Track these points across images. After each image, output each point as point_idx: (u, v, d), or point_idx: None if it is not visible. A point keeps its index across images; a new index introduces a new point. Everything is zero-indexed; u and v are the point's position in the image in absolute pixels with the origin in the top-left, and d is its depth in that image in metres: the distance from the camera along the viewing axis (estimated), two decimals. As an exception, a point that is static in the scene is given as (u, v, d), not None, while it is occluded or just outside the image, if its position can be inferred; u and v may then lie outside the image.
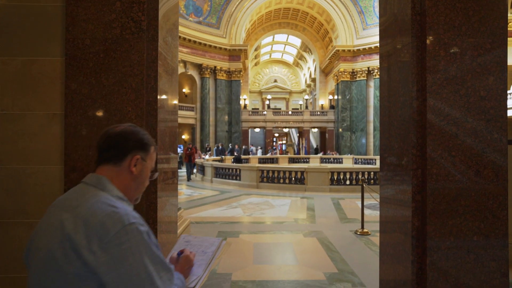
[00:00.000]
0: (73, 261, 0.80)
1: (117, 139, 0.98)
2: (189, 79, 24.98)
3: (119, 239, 0.80)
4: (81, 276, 0.80)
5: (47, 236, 0.86)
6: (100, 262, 0.78)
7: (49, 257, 0.83)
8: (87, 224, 0.82)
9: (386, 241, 2.38)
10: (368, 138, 25.89)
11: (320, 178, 9.55)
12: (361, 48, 25.29)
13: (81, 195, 0.91)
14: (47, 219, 0.91)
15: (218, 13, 24.62)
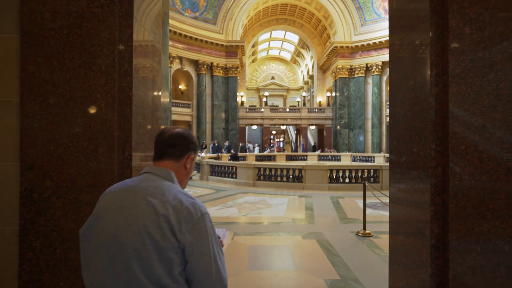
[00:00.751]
0: (170, 238, 0.97)
1: (180, 139, 1.16)
2: (185, 75, 24.60)
3: (199, 224, 1.01)
4: (173, 250, 0.97)
5: (138, 216, 0.99)
6: (187, 241, 0.98)
7: (144, 234, 0.97)
8: (176, 210, 1.00)
9: (397, 248, 2.10)
10: (366, 135, 25.67)
11: (319, 176, 9.28)
12: (359, 44, 25.01)
13: (158, 185, 1.06)
14: (128, 202, 1.03)
15: (214, 8, 24.22)
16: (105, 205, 1.06)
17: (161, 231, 0.97)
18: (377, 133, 24.97)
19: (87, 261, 1.05)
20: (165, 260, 0.97)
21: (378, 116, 24.91)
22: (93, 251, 1.04)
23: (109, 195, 1.09)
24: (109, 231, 1.01)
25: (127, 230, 0.99)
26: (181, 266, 0.99)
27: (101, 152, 1.63)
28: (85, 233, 1.07)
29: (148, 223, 0.98)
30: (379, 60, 24.49)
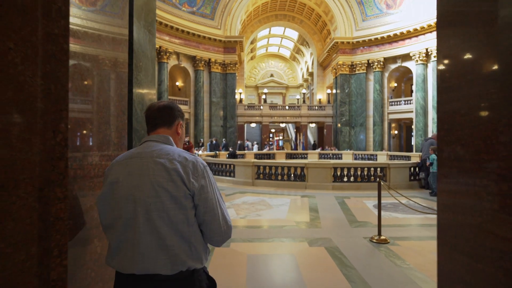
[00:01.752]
0: (181, 187, 1.15)
1: (167, 109, 1.36)
2: (182, 71, 23.97)
3: (203, 174, 1.20)
4: (186, 197, 1.15)
5: (150, 175, 1.15)
6: (195, 187, 1.17)
7: (158, 188, 1.13)
8: (183, 164, 1.18)
9: (450, 271, 1.49)
10: (368, 133, 25.11)
11: (322, 174, 8.69)
12: (360, 40, 24.41)
13: (161, 148, 1.24)
14: (138, 165, 1.18)
15: (212, 3, 23.57)
16: (116, 173, 1.19)
17: (173, 183, 1.14)
18: (378, 131, 24.41)
19: (109, 222, 1.18)
20: (179, 207, 1.14)
21: (379, 114, 24.35)
22: (113, 212, 1.17)
23: (117, 164, 1.23)
24: (125, 193, 1.15)
25: (142, 189, 1.14)
26: (192, 210, 1.17)
27: (15, 134, 1.04)
28: (103, 199, 1.20)
29: (160, 179, 1.14)
30: (381, 56, 23.90)
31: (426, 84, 21.76)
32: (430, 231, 4.65)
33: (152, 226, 1.11)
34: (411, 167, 9.21)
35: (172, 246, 1.12)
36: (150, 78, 4.06)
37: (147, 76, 3.86)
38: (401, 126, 27.79)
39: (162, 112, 1.34)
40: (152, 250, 1.11)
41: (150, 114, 1.34)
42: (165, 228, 1.11)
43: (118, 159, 1.25)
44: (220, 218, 1.20)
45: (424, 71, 21.75)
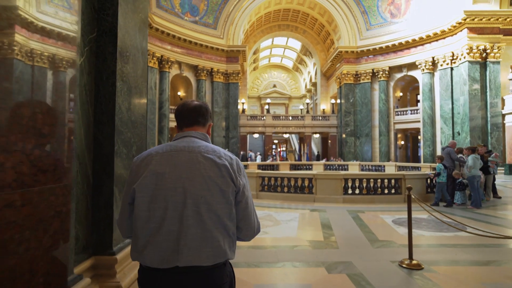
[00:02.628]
0: (230, 183, 1.20)
1: (203, 109, 1.40)
2: (184, 81, 23.63)
3: (244, 173, 1.28)
4: (232, 193, 1.21)
5: (201, 169, 1.19)
6: (240, 185, 1.23)
7: (210, 182, 1.17)
8: (230, 162, 1.24)
9: None
10: (373, 143, 24.47)
11: (332, 186, 8.04)
12: (365, 49, 24.07)
13: (206, 144, 1.29)
14: (185, 158, 1.21)
15: (215, 12, 23.42)
16: (160, 164, 1.19)
17: (223, 179, 1.19)
18: (385, 141, 23.76)
19: (145, 214, 1.16)
20: (226, 202, 1.19)
21: (385, 124, 23.76)
22: (155, 204, 1.15)
23: (159, 155, 1.22)
24: (174, 184, 1.16)
25: (193, 181, 1.16)
26: (234, 206, 1.23)
27: None
28: (144, 189, 1.17)
29: (212, 173, 1.18)
30: (386, 65, 23.50)
31: (433, 93, 21.24)
32: (468, 254, 3.98)
33: (200, 218, 1.14)
34: (427, 179, 8.56)
35: (216, 238, 1.15)
36: (141, 72, 3.48)
37: (136, 70, 3.28)
38: (408, 136, 27.15)
39: (200, 111, 1.38)
40: (198, 242, 1.13)
41: (186, 110, 1.37)
42: (212, 221, 1.15)
43: (157, 150, 1.25)
44: (254, 215, 1.29)
45: (431, 80, 21.26)
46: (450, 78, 19.99)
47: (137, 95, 3.27)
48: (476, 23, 18.45)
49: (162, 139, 20.67)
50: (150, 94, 19.76)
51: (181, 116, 1.37)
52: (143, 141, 3.39)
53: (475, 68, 18.56)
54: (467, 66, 18.57)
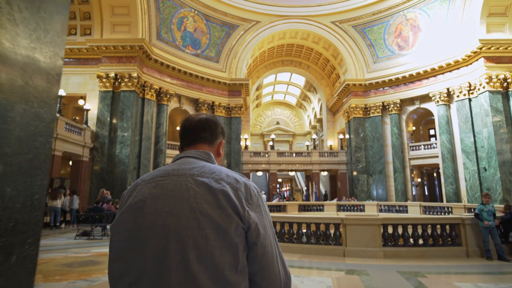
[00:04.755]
0: (233, 217, 0.85)
1: (211, 123, 1.13)
2: (184, 115, 22.34)
3: (258, 202, 0.93)
4: (237, 232, 0.85)
5: (190, 199, 0.86)
6: (252, 219, 0.87)
7: (201, 216, 0.84)
8: (234, 187, 0.90)
9: None
10: (388, 181, 22.42)
11: (367, 235, 6.03)
12: (373, 81, 23.05)
13: (204, 165, 0.98)
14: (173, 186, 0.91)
15: (217, 46, 22.85)
16: (142, 194, 0.91)
17: (221, 210, 0.86)
18: (400, 179, 21.75)
19: (122, 266, 0.86)
20: (228, 245, 0.84)
21: (400, 159, 21.93)
22: (133, 248, 0.85)
23: (142, 184, 0.95)
24: (153, 222, 0.86)
25: (178, 216, 0.85)
26: (244, 251, 0.87)
27: None
28: (118, 231, 0.89)
29: (204, 204, 0.86)
30: (397, 98, 22.29)
31: (450, 126, 19.70)
32: None
33: (189, 271, 0.81)
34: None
35: None
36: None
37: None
38: (423, 173, 25.17)
39: (205, 126, 1.12)
40: None
41: (189, 125, 1.13)
42: (206, 274, 0.81)
43: (143, 178, 0.99)
44: (278, 264, 0.91)
45: (447, 112, 19.85)
46: (469, 109, 18.57)
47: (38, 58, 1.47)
48: (492, 52, 17.45)
49: (158, 177, 18.79)
50: (146, 128, 18.31)
51: (183, 132, 1.13)
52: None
53: (497, 98, 17.19)
54: (487, 96, 17.23)
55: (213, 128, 1.13)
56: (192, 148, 1.09)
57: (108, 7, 17.44)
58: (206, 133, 1.11)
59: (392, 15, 22.23)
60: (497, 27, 17.72)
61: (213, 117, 1.17)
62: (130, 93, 17.16)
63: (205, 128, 1.11)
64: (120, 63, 17.34)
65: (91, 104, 17.06)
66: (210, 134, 1.11)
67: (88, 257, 5.75)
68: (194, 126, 1.11)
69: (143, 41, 17.23)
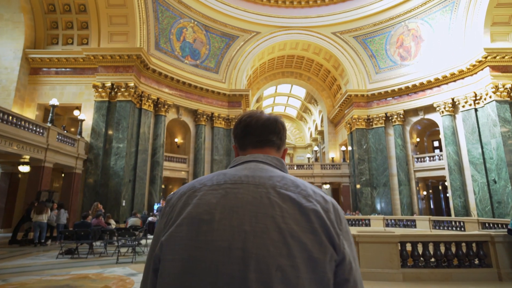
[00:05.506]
0: (327, 246, 0.70)
1: (280, 125, 0.96)
2: (182, 126, 21.80)
3: (346, 228, 0.78)
4: (330, 264, 0.69)
5: (276, 217, 0.70)
6: (346, 250, 0.72)
7: (291, 241, 0.67)
8: (324, 207, 0.74)
9: None
10: (393, 194, 21.66)
11: (384, 254, 5.32)
12: (376, 92, 22.62)
13: (283, 175, 0.82)
14: (249, 197, 0.74)
15: (217, 57, 22.55)
16: (208, 204, 0.72)
17: (314, 236, 0.70)
18: (406, 191, 20.99)
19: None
20: (319, 281, 0.67)
21: (405, 172, 21.24)
22: (195, 273, 0.67)
23: (205, 189, 0.77)
24: (228, 242, 0.68)
25: (262, 238, 0.67)
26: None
27: None
28: (174, 247, 0.70)
29: (294, 226, 0.69)
30: (400, 109, 21.81)
31: (456, 136, 19.12)
32: None
33: None
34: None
35: None
36: None
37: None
38: (428, 185, 24.41)
39: (274, 127, 0.94)
40: None
41: (256, 123, 0.94)
42: None
43: (203, 182, 0.80)
44: None
45: (453, 122, 19.31)
46: (476, 119, 18.04)
47: None
48: (498, 61, 17.07)
49: (154, 189, 18.08)
50: (143, 139, 17.71)
51: (247, 130, 0.93)
52: None
53: (505, 108, 16.70)
54: (495, 106, 16.74)
55: (281, 131, 0.98)
56: (260, 151, 0.92)
57: (106, 16, 17.17)
58: (275, 136, 0.95)
59: (393, 26, 22.03)
60: (502, 36, 17.42)
61: (280, 118, 1.01)
62: (127, 103, 16.65)
63: (274, 130, 0.95)
64: (117, 73, 16.91)
65: (86, 114, 16.52)
66: (278, 138, 0.96)
67: (64, 281, 5.03)
68: (262, 124, 0.94)
69: (140, 50, 16.86)
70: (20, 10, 16.91)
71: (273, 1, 23.27)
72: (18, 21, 16.91)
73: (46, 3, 17.33)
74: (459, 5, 18.46)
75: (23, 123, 12.08)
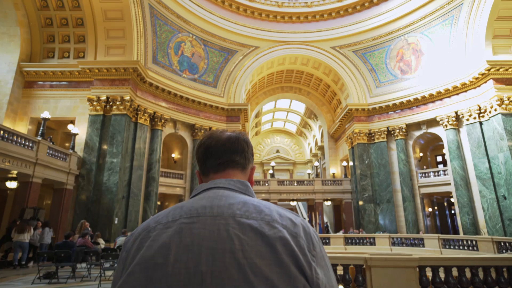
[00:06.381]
0: (298, 278, 0.62)
1: (243, 143, 0.90)
2: (179, 141, 21.27)
3: (321, 252, 0.72)
4: None
5: (235, 252, 0.63)
6: (320, 280, 0.65)
7: (255, 280, 0.61)
8: (292, 232, 0.68)
9: None
10: (397, 211, 20.87)
11: (400, 280, 4.62)
12: (377, 106, 22.25)
13: (245, 200, 0.75)
14: (207, 232, 0.67)
15: (215, 71, 22.31)
16: (162, 245, 0.65)
17: (281, 269, 0.62)
18: (410, 208, 20.22)
19: None
20: None
21: (409, 187, 20.55)
22: None
23: (159, 229, 0.69)
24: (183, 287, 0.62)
25: (220, 279, 0.61)
26: None
27: None
28: None
29: (257, 259, 0.63)
30: (402, 123, 21.37)
31: (461, 151, 18.56)
32: None
33: None
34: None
35: None
36: None
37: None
38: (433, 202, 23.62)
39: (236, 146, 0.87)
40: None
41: (215, 144, 0.87)
42: None
43: (157, 219, 0.72)
44: None
45: (457, 136, 18.81)
46: (481, 133, 17.55)
47: None
48: (501, 74, 16.77)
49: (149, 206, 17.31)
50: (138, 154, 17.12)
51: (207, 152, 0.86)
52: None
53: (511, 121, 16.23)
54: (501, 119, 16.28)
55: (245, 149, 0.89)
56: (222, 175, 0.85)
57: (103, 30, 16.98)
58: (238, 156, 0.87)
59: (393, 40, 21.93)
60: (504, 49, 17.20)
61: (243, 134, 0.92)
62: (122, 116, 16.18)
63: (236, 149, 0.88)
64: (113, 86, 16.54)
65: (80, 128, 16.01)
66: (243, 157, 0.88)
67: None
68: (222, 145, 0.86)
69: (137, 63, 16.55)
70: (17, 24, 16.73)
71: (272, 16, 23.30)
72: (14, 35, 16.70)
73: (43, 17, 17.18)
74: (459, 19, 18.37)
75: (10, 136, 11.52)
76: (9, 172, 12.11)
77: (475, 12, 17.31)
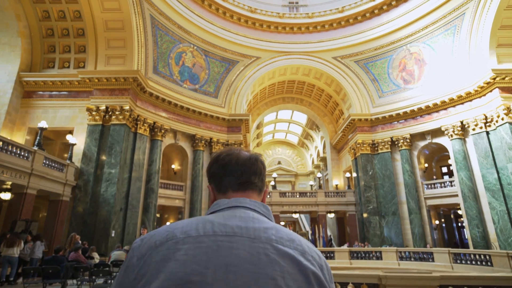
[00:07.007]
0: None
1: (260, 165, 0.90)
2: (179, 152, 20.91)
3: (332, 279, 0.75)
4: None
5: (277, 279, 0.64)
6: None
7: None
8: (320, 265, 0.72)
9: None
10: (403, 223, 20.23)
11: (418, 300, 4.16)
12: (380, 116, 21.93)
13: (277, 227, 0.75)
14: (245, 254, 0.66)
15: (216, 81, 22.16)
16: (194, 261, 0.62)
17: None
18: (417, 221, 19.59)
19: None
20: None
21: (415, 199, 19.97)
22: None
23: (191, 241, 0.66)
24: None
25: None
26: None
27: None
28: None
29: (293, 282, 0.65)
30: (406, 133, 20.98)
31: (468, 161, 18.09)
32: None
33: None
34: None
35: None
36: None
37: None
38: (440, 214, 22.95)
39: (255, 168, 0.87)
40: None
41: (236, 162, 0.86)
42: None
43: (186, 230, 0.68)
44: None
45: (463, 146, 18.37)
46: (488, 143, 17.11)
47: None
48: (507, 82, 16.48)
49: (147, 219, 16.80)
50: (137, 165, 16.74)
51: (226, 170, 0.85)
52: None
53: (519, 129, 15.84)
54: (508, 128, 15.89)
55: (262, 171, 0.89)
56: (243, 195, 0.84)
57: (103, 40, 16.91)
58: (257, 178, 0.87)
59: (395, 50, 21.81)
60: (508, 58, 16.95)
61: (260, 156, 0.92)
62: (121, 126, 15.90)
63: (255, 171, 0.87)
64: (113, 96, 16.33)
65: (79, 138, 15.71)
66: (260, 180, 0.88)
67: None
68: (242, 165, 0.86)
69: (137, 73, 16.38)
70: (18, 35, 16.70)
71: (273, 27, 23.31)
72: (15, 45, 16.65)
73: (45, 28, 17.17)
74: (461, 28, 18.23)
75: (4, 146, 11.20)
76: (4, 183, 11.74)
77: (478, 21, 17.18)
